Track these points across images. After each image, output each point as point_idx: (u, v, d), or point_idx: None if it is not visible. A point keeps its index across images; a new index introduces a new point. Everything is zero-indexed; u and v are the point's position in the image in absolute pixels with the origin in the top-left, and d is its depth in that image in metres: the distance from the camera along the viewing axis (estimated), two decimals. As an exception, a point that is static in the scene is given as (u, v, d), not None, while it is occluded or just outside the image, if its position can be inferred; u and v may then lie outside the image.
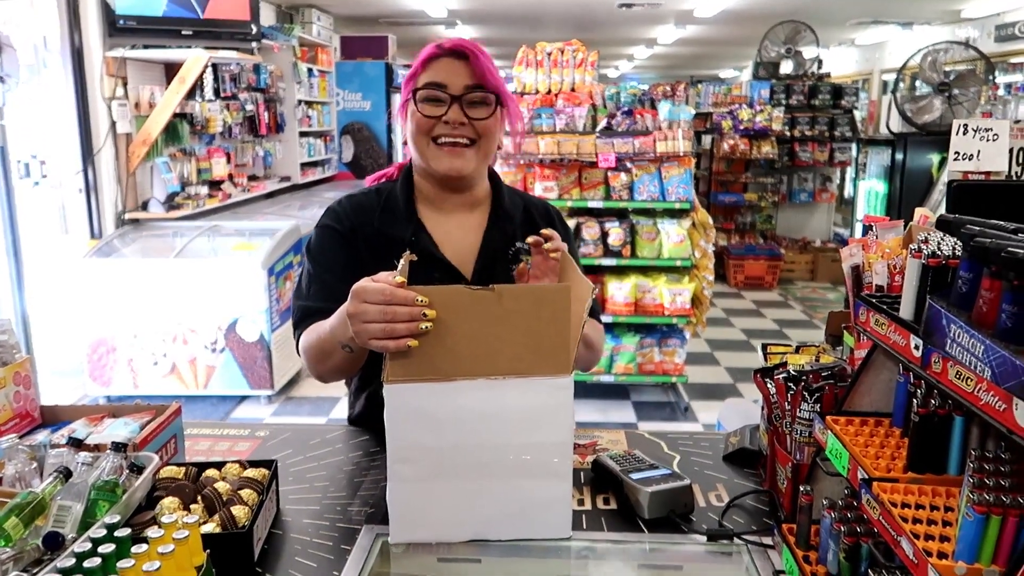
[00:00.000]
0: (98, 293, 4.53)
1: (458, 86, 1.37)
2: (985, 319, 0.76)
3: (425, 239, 1.44)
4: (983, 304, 0.76)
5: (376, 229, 1.44)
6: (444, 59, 1.39)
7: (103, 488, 1.05)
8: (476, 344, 1.10)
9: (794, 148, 8.24)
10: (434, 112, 1.37)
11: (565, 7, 8.19)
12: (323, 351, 1.28)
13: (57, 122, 4.78)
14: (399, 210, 1.46)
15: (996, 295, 0.74)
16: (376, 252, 1.40)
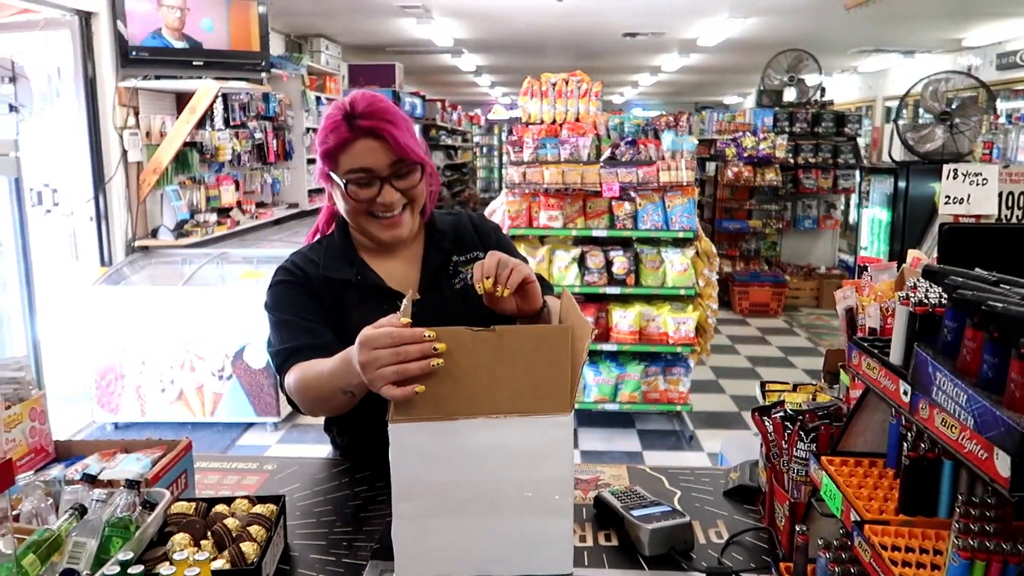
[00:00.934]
0: (107, 320, 4.58)
1: (383, 166, 1.39)
2: (969, 368, 0.79)
3: (370, 275, 1.50)
4: (967, 353, 0.79)
5: (323, 276, 1.49)
6: (360, 141, 1.38)
7: (117, 525, 1.08)
8: (477, 384, 1.13)
9: (798, 175, 8.28)
10: (367, 194, 1.40)
11: (570, 36, 8.31)
12: (321, 395, 1.30)
13: (69, 151, 4.86)
14: (341, 256, 1.51)
15: (978, 345, 0.77)
16: (330, 295, 1.47)
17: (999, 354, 0.73)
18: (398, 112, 1.42)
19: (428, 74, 12.29)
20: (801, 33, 8.02)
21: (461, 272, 1.55)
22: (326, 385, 1.27)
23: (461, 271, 1.55)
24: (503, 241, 1.63)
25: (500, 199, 4.58)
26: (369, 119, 1.37)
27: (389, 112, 1.40)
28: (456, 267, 1.56)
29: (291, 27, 7.57)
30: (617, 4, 6.33)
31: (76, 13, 4.68)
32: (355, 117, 1.38)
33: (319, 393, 1.30)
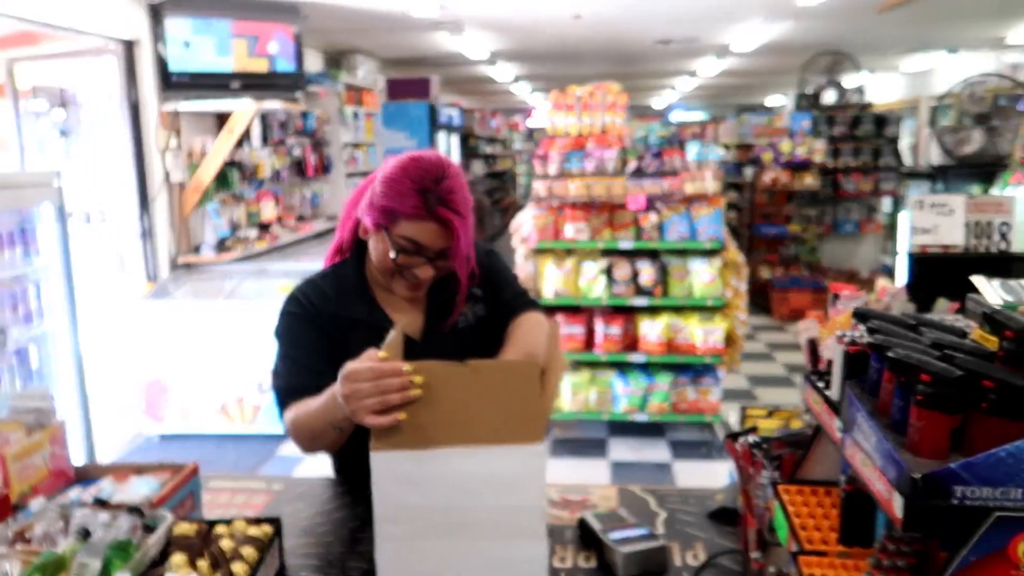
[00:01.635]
0: (153, 334, 4.77)
1: (436, 249, 1.44)
2: (885, 408, 0.82)
3: (379, 315, 1.55)
4: (884, 394, 0.83)
5: (335, 311, 1.54)
6: (428, 223, 1.41)
7: (118, 547, 1.18)
8: (453, 415, 1.20)
9: (838, 179, 8.16)
10: (408, 263, 1.45)
11: (604, 44, 8.33)
12: (313, 432, 1.38)
13: (116, 172, 5.08)
14: (354, 292, 1.56)
15: (891, 388, 0.81)
16: (338, 331, 1.52)
17: (905, 398, 0.77)
18: (468, 200, 1.46)
19: (466, 84, 12.43)
20: (838, 35, 7.91)
21: (464, 312, 1.59)
22: (317, 422, 1.34)
23: (464, 311, 1.59)
24: (496, 268, 1.66)
25: (527, 212, 4.64)
26: (445, 207, 1.40)
27: (462, 203, 1.43)
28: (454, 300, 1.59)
29: (328, 44, 7.76)
30: (647, 12, 6.35)
31: (120, 42, 4.89)
32: (432, 196, 1.40)
33: (311, 430, 1.38)
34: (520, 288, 1.66)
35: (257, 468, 4.43)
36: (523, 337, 1.47)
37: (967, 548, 0.70)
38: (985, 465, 0.69)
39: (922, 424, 0.74)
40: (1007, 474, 0.69)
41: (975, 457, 0.69)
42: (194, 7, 5.07)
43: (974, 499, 0.70)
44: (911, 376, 0.75)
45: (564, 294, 4.45)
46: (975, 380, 0.72)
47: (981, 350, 0.77)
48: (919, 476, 0.70)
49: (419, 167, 1.42)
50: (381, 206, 1.43)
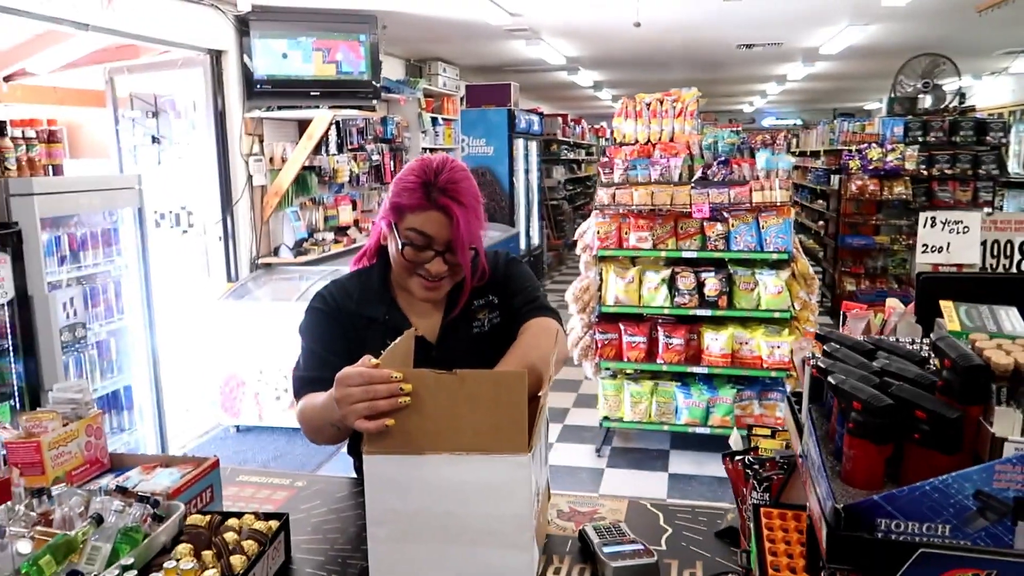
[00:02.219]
0: (231, 331, 5.00)
1: (443, 240, 1.49)
2: (832, 435, 0.80)
3: (397, 317, 1.60)
4: (833, 419, 0.80)
5: (355, 310, 1.60)
6: (431, 212, 1.47)
7: (127, 533, 1.25)
8: (441, 422, 1.22)
9: (932, 187, 7.75)
10: (418, 258, 1.50)
11: (684, 49, 8.20)
12: (315, 426, 1.44)
13: (202, 177, 5.36)
14: (375, 293, 1.62)
15: (837, 415, 0.78)
16: (356, 329, 1.59)
17: (843, 425, 0.75)
18: (473, 192, 1.52)
19: (548, 90, 12.46)
20: (935, 36, 7.53)
21: (479, 318, 1.64)
22: (318, 417, 1.40)
23: (479, 317, 1.64)
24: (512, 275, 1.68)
25: (590, 220, 4.62)
26: (445, 196, 1.47)
27: (464, 193, 1.49)
28: (475, 312, 1.64)
29: (410, 52, 7.94)
30: (728, 17, 6.21)
31: (208, 52, 5.16)
32: (433, 187, 1.47)
33: (313, 424, 1.44)
34: (534, 294, 1.67)
35: (322, 465, 4.57)
36: (524, 346, 1.48)
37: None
38: (909, 499, 0.66)
39: (853, 453, 0.71)
40: (932, 509, 0.66)
41: (899, 490, 0.66)
42: (278, 18, 5.30)
43: (899, 533, 0.67)
44: (846, 403, 0.72)
45: (626, 303, 4.41)
46: (908, 410, 0.69)
47: (925, 379, 0.73)
48: (841, 507, 0.68)
49: (422, 164, 1.50)
50: (390, 204, 1.53)
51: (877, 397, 0.69)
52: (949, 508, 0.66)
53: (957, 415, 0.67)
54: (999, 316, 0.80)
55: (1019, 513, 0.64)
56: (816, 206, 10.03)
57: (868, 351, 0.82)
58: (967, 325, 0.78)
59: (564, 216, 12.98)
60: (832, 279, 8.16)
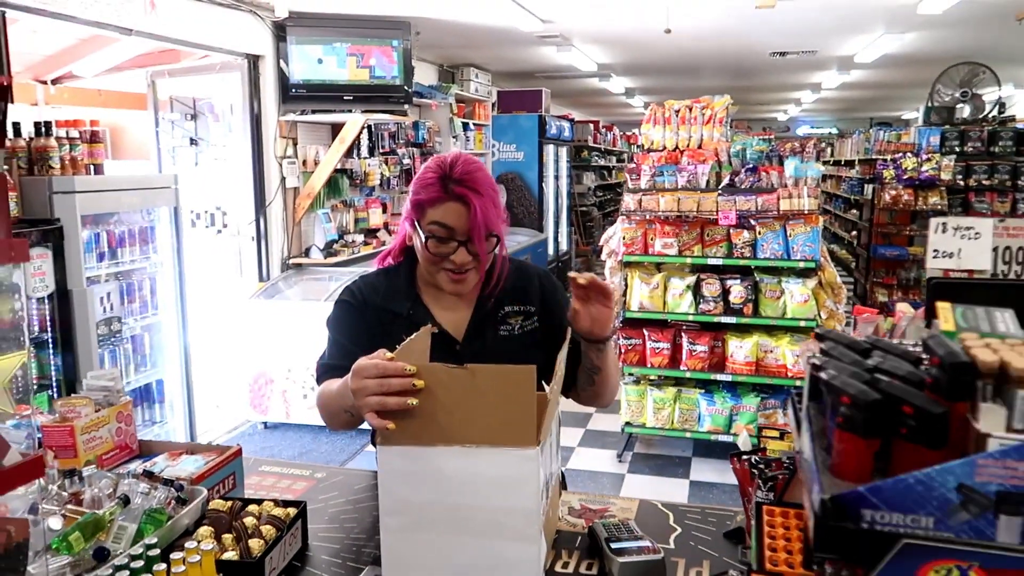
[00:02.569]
0: (262, 330, 5.10)
1: (463, 230, 1.53)
2: (825, 431, 0.82)
3: (421, 312, 1.64)
4: (828, 416, 0.82)
5: (381, 304, 1.65)
6: (449, 203, 1.51)
7: (152, 514, 1.31)
8: (453, 416, 1.25)
9: (969, 199, 7.63)
10: (442, 250, 1.55)
11: (717, 56, 8.18)
12: (331, 412, 1.49)
13: (237, 178, 5.47)
14: (401, 289, 1.66)
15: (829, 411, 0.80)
16: (381, 323, 1.63)
17: (833, 419, 0.77)
18: (488, 183, 1.56)
19: (579, 96, 12.49)
20: (974, 45, 7.43)
21: (510, 322, 1.67)
22: (334, 403, 1.45)
23: (510, 321, 1.67)
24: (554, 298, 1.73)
25: (616, 226, 4.64)
26: (460, 185, 1.51)
27: (479, 182, 1.53)
28: (506, 316, 1.68)
29: (443, 58, 8.02)
30: (761, 25, 6.20)
31: (246, 57, 5.28)
32: (449, 179, 1.52)
33: (329, 409, 1.49)
34: None
35: (346, 463, 4.63)
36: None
37: (874, 574, 0.69)
38: (894, 490, 0.68)
39: (842, 447, 0.73)
40: (916, 501, 0.68)
41: (884, 481, 0.68)
42: (314, 24, 5.40)
43: (884, 524, 0.69)
44: (835, 398, 0.74)
45: (651, 309, 4.42)
46: (895, 405, 0.71)
47: (915, 376, 0.75)
48: (828, 497, 0.70)
49: (437, 161, 1.56)
50: (411, 202, 1.58)
51: (865, 392, 0.71)
52: (933, 501, 0.67)
53: (943, 411, 0.68)
54: (994, 317, 0.81)
55: (1001, 507, 0.66)
56: (849, 216, 9.92)
57: (864, 350, 0.84)
58: (961, 326, 0.79)
59: (593, 222, 12.98)
60: (864, 289, 8.06)
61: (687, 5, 5.29)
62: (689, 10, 5.49)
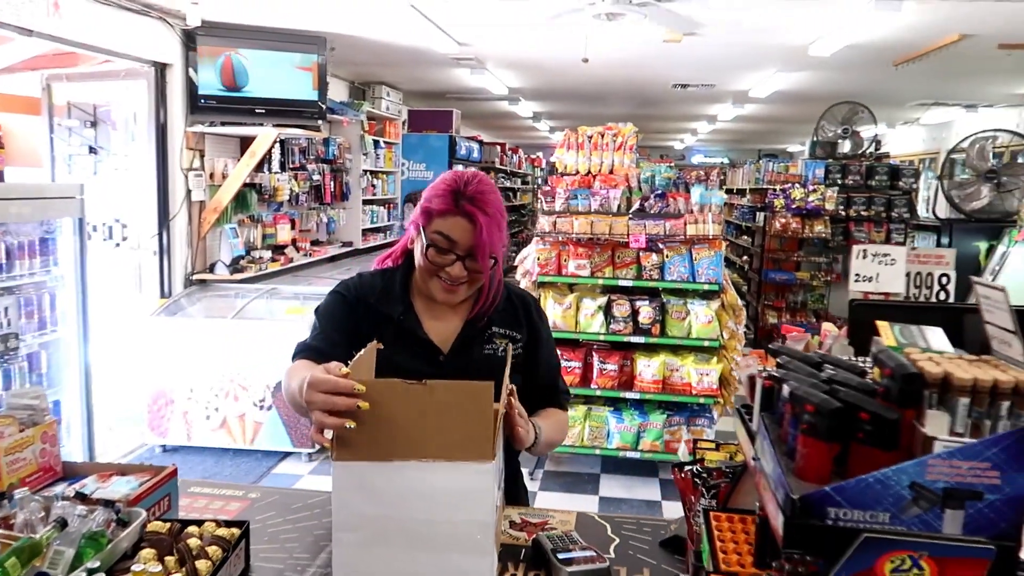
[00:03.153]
0: (162, 349, 4.89)
1: (465, 246, 1.57)
2: (784, 437, 0.89)
3: (411, 319, 1.68)
4: (784, 424, 0.90)
5: (373, 305, 1.68)
6: (457, 217, 1.56)
7: (91, 538, 1.26)
8: (410, 431, 1.27)
9: (849, 228, 8.19)
10: (440, 261, 1.59)
11: (622, 86, 8.49)
12: (292, 399, 1.49)
13: (140, 190, 5.25)
14: (395, 293, 1.70)
15: (789, 419, 0.87)
16: (370, 322, 1.66)
17: (796, 427, 0.84)
18: (498, 206, 1.60)
19: (488, 119, 12.65)
20: (856, 86, 8.01)
21: (495, 342, 1.71)
22: (291, 396, 1.48)
23: (496, 341, 1.71)
24: (546, 335, 1.81)
25: (531, 247, 4.73)
26: (471, 203, 1.56)
27: (490, 204, 1.58)
28: (493, 336, 1.72)
29: (355, 75, 7.97)
30: (667, 58, 6.48)
31: (153, 64, 5.09)
32: (461, 195, 1.56)
33: (293, 399, 1.49)
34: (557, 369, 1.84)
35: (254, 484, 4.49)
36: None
37: (838, 566, 0.76)
38: (855, 489, 0.76)
39: (806, 451, 0.81)
40: (875, 498, 0.76)
41: (847, 481, 0.76)
42: (226, 34, 5.27)
43: (846, 520, 0.76)
44: (799, 407, 0.82)
45: (563, 329, 4.52)
46: (852, 412, 0.79)
47: (867, 386, 0.83)
48: (797, 497, 0.77)
49: (455, 175, 1.61)
50: (421, 208, 1.62)
51: (827, 401, 0.79)
52: (889, 498, 0.75)
53: (896, 417, 0.77)
54: (927, 335, 0.91)
55: (947, 502, 0.75)
56: (741, 241, 10.44)
57: (816, 363, 0.92)
58: (901, 342, 0.88)
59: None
60: (756, 312, 8.48)
61: (604, 36, 5.49)
62: (605, 41, 5.69)
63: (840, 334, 1.32)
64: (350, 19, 5.33)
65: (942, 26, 5.02)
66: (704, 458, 1.41)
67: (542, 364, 1.78)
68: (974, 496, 0.75)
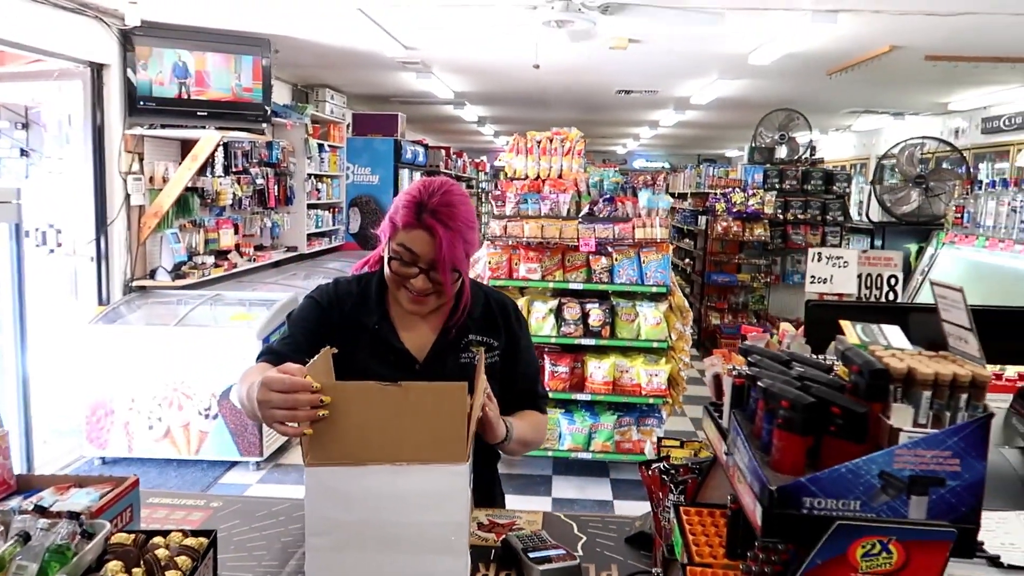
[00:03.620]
0: (101, 358, 4.74)
1: (427, 260, 1.56)
2: (758, 432, 0.93)
3: (387, 328, 1.67)
4: (757, 420, 0.94)
5: (348, 312, 1.67)
6: (419, 231, 1.54)
7: (56, 551, 1.22)
8: (384, 434, 1.28)
9: (787, 231, 8.45)
10: (404, 272, 1.58)
11: (568, 91, 8.58)
12: (245, 406, 1.45)
13: (75, 194, 5.09)
14: (371, 301, 1.68)
15: (762, 414, 0.92)
16: (344, 330, 1.65)
17: (771, 422, 0.88)
18: (463, 218, 1.57)
19: (433, 123, 12.63)
20: (791, 93, 8.27)
21: (472, 351, 1.70)
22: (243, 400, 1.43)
23: (472, 349, 1.70)
24: (525, 341, 1.80)
25: (482, 250, 4.75)
26: (433, 216, 1.53)
27: (453, 217, 1.55)
28: (469, 344, 1.70)
29: (298, 77, 7.87)
30: (612, 64, 6.58)
31: (89, 65, 4.94)
32: (424, 208, 1.54)
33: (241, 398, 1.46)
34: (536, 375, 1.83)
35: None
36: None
37: (813, 552, 0.80)
38: (829, 480, 0.80)
39: (781, 444, 0.85)
40: (847, 488, 0.80)
41: (821, 472, 0.80)
42: (166, 35, 5.15)
43: (820, 509, 0.81)
44: (774, 403, 0.86)
45: (515, 331, 4.54)
46: (825, 407, 0.83)
47: (836, 382, 0.88)
48: (775, 488, 0.81)
49: (422, 184, 1.58)
50: (388, 218, 1.61)
51: (801, 397, 0.83)
52: (860, 487, 0.80)
53: (865, 410, 0.81)
54: (886, 332, 0.97)
55: (912, 488, 0.80)
56: (684, 245, 10.66)
57: (785, 362, 0.97)
58: (863, 339, 0.94)
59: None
60: (699, 313, 8.67)
61: (553, 42, 5.55)
62: (554, 47, 5.75)
63: (798, 334, 1.38)
64: (295, 21, 5.27)
65: (874, 38, 5.23)
66: (670, 455, 1.45)
67: (520, 369, 1.78)
68: (937, 483, 0.80)
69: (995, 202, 4.70)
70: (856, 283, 1.38)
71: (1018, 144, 8.11)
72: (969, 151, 8.45)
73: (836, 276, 1.37)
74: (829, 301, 1.38)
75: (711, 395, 1.36)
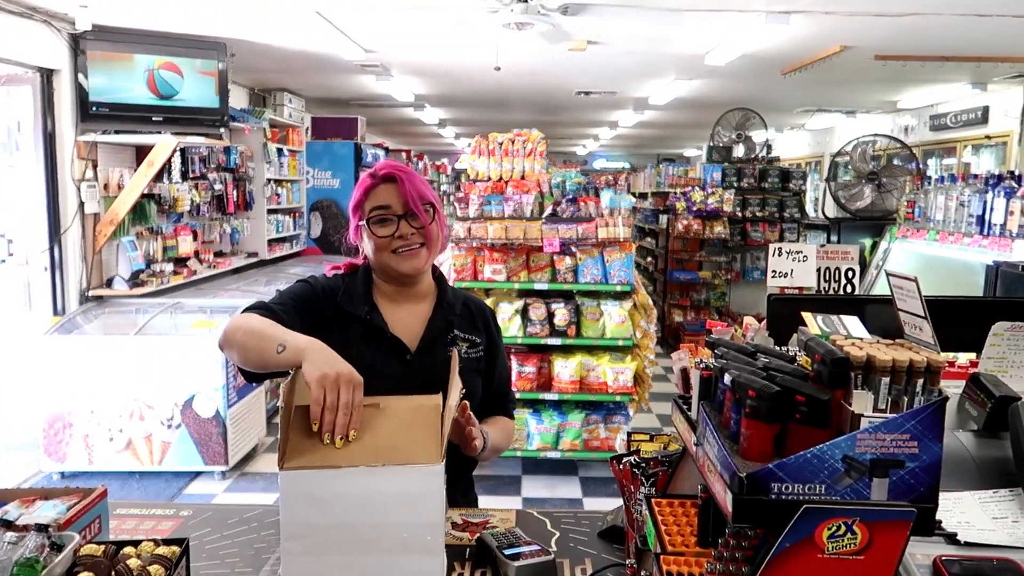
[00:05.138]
0: (58, 369, 4.63)
1: (399, 205, 1.65)
2: (726, 422, 0.96)
3: (378, 318, 1.71)
4: (725, 410, 0.97)
5: (339, 303, 1.71)
6: (381, 186, 1.66)
7: (24, 564, 1.21)
8: (360, 440, 1.29)
9: (746, 228, 8.58)
10: (387, 232, 1.65)
11: (527, 92, 8.62)
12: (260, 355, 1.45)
13: (27, 202, 4.97)
14: (359, 294, 1.72)
15: (730, 404, 0.95)
16: (336, 320, 1.68)
17: (738, 412, 0.91)
18: (413, 171, 1.71)
19: (393, 126, 12.58)
20: (747, 93, 8.42)
21: (458, 345, 1.76)
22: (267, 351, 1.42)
23: (459, 344, 1.76)
24: (500, 345, 1.88)
25: (446, 252, 4.75)
26: (387, 170, 1.67)
27: (405, 168, 1.69)
28: (455, 339, 1.76)
29: (255, 81, 7.78)
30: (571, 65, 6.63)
31: (38, 71, 4.83)
32: (376, 172, 1.68)
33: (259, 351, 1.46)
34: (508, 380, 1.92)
35: (165, 506, 4.32)
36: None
37: (782, 536, 0.83)
38: (795, 465, 0.83)
39: (749, 432, 0.88)
40: (812, 472, 0.83)
41: (788, 459, 0.83)
42: (118, 39, 5.06)
43: (788, 494, 0.84)
44: (742, 393, 0.89)
45: (481, 333, 4.55)
46: (790, 395, 0.86)
47: (800, 372, 0.91)
48: (744, 475, 0.83)
49: (371, 168, 1.71)
50: (351, 208, 1.70)
51: (767, 386, 0.86)
52: (825, 471, 0.83)
53: (828, 397, 0.85)
54: (846, 323, 1.00)
55: (874, 471, 0.83)
56: (645, 243, 10.77)
57: (751, 353, 1.00)
58: (824, 330, 0.97)
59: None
60: (662, 311, 8.77)
61: (513, 44, 5.57)
62: (515, 49, 5.78)
63: (761, 326, 1.42)
64: (251, 25, 5.22)
65: (826, 38, 5.35)
66: (640, 449, 1.48)
67: (498, 373, 1.85)
68: (897, 464, 0.83)
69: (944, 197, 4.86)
70: (816, 277, 1.42)
71: (964, 140, 8.38)
72: (918, 148, 8.69)
73: (796, 270, 1.40)
74: (790, 294, 1.41)
75: (679, 389, 1.39)
